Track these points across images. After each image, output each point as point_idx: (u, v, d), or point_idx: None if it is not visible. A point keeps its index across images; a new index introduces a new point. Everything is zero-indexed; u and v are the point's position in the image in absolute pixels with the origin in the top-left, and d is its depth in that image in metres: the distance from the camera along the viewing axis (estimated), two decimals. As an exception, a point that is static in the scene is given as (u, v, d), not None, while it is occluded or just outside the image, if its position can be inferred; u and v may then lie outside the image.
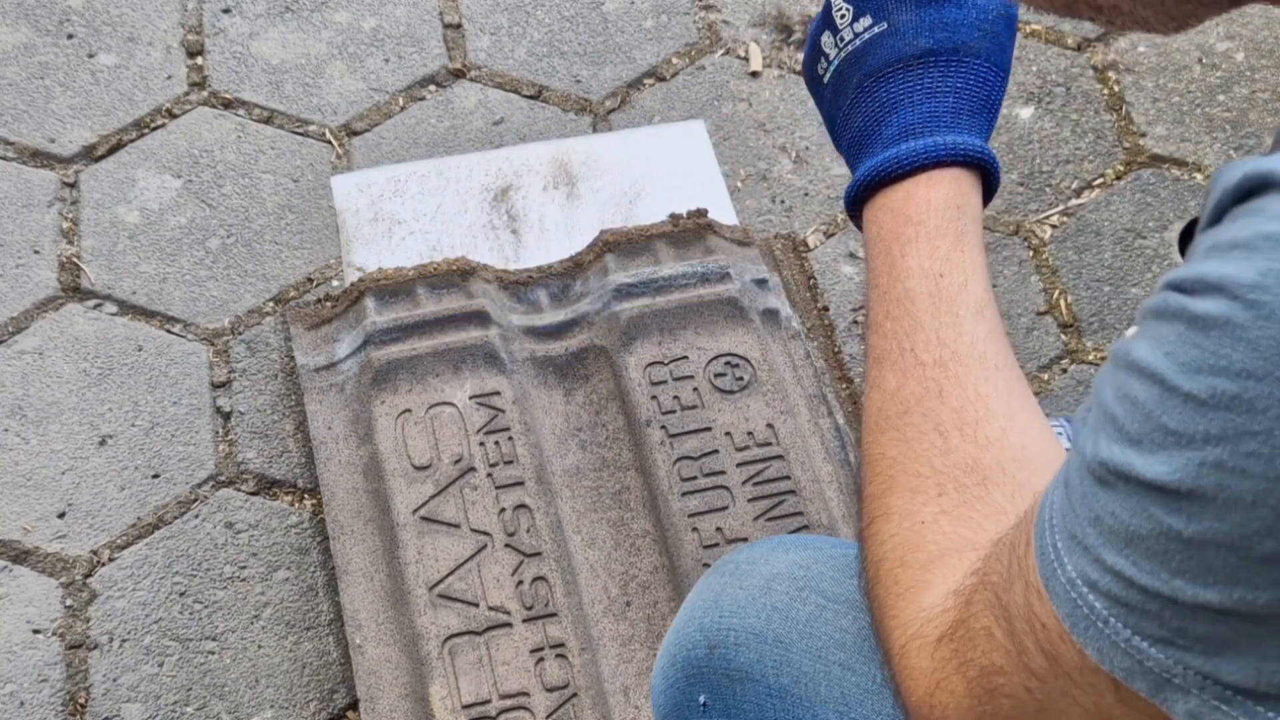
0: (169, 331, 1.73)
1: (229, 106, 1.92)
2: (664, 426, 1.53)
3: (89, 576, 1.56)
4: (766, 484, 1.50)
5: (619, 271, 1.62)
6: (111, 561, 1.57)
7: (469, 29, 2.01)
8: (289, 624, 1.54)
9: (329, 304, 1.67)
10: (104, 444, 1.64)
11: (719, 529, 1.47)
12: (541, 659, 1.40)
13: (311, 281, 1.78)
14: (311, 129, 1.90)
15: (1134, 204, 1.87)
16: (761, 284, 1.66)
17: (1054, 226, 1.85)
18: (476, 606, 1.43)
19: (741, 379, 1.57)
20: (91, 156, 1.87)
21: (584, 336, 1.61)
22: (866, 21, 0.92)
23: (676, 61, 1.99)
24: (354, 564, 1.47)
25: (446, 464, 1.51)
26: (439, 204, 1.73)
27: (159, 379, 1.69)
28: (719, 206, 1.73)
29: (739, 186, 1.87)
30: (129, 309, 1.74)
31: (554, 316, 1.63)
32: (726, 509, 1.48)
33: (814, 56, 0.96)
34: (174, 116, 1.91)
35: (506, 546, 1.46)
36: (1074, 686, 0.62)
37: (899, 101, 0.90)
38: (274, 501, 1.61)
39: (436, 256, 1.67)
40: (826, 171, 1.89)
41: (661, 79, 1.97)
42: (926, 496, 0.77)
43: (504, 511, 1.48)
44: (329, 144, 1.89)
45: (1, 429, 1.65)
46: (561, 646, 1.41)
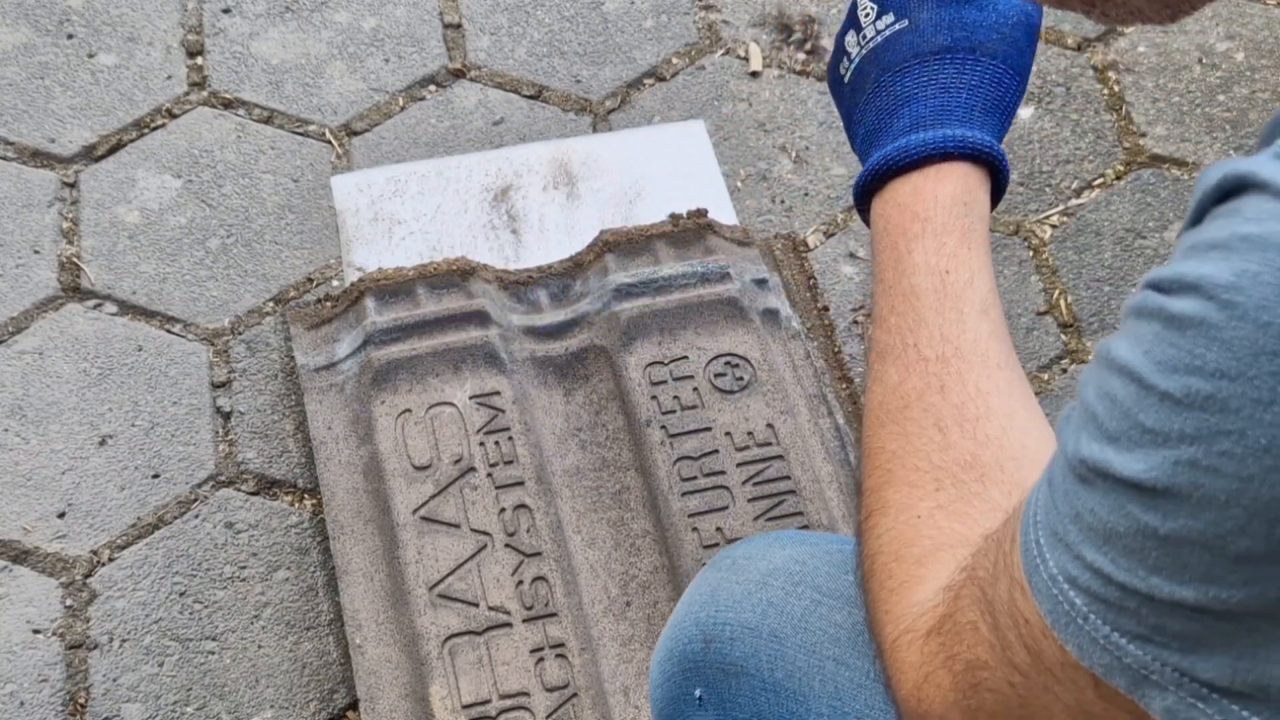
0: (169, 331, 1.73)
1: (229, 106, 1.92)
2: (664, 426, 1.53)
3: (89, 576, 1.56)
4: (766, 484, 1.50)
5: (619, 271, 1.62)
6: (111, 561, 1.57)
7: (469, 29, 2.01)
8: (289, 624, 1.54)
9: (329, 304, 1.67)
10: (104, 444, 1.64)
11: (719, 529, 1.47)
12: (541, 659, 1.40)
13: (311, 281, 1.78)
14: (311, 129, 1.91)
15: (1134, 204, 1.87)
16: (761, 284, 1.66)
17: (1054, 226, 1.85)
18: (476, 606, 1.43)
19: (741, 379, 1.57)
20: (91, 156, 1.87)
21: (584, 336, 1.61)
22: (889, 19, 0.93)
23: (676, 61, 1.99)
24: (354, 564, 1.47)
25: (446, 464, 1.51)
26: (439, 204, 1.73)
27: (159, 379, 1.69)
28: (719, 206, 1.73)
29: (739, 186, 1.87)
30: (129, 309, 1.74)
31: (554, 316, 1.63)
32: (726, 509, 1.48)
33: (838, 57, 0.97)
34: (174, 116, 1.91)
35: (506, 546, 1.46)
36: (1055, 682, 0.63)
37: (912, 95, 0.90)
38: (274, 501, 1.61)
39: (436, 256, 1.67)
40: (826, 171, 1.89)
41: (661, 79, 1.97)
42: (924, 491, 0.77)
43: (504, 511, 1.48)
44: (329, 144, 1.89)
45: (1, 429, 1.65)
46: (561, 646, 1.41)
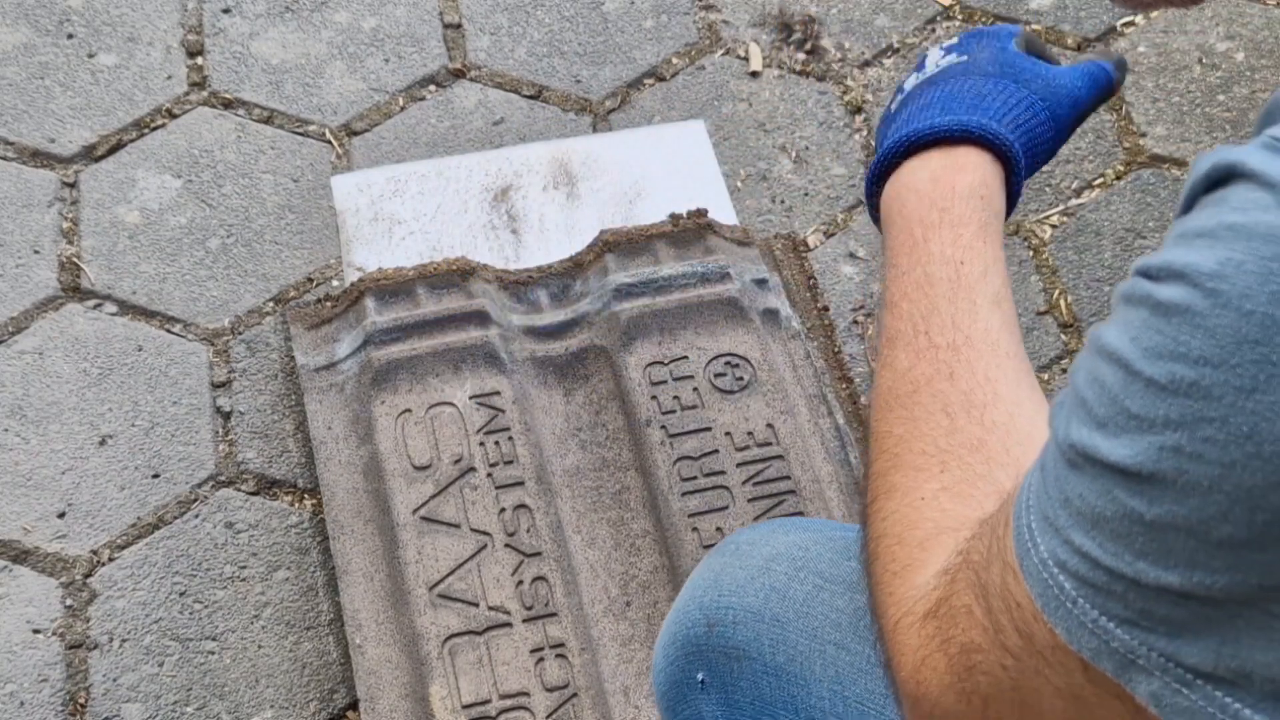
0: (169, 331, 1.73)
1: (229, 106, 1.92)
2: (664, 426, 1.53)
3: (89, 576, 1.56)
4: (766, 484, 1.51)
5: (619, 271, 1.62)
6: (111, 561, 1.57)
7: (469, 29, 2.01)
8: (289, 624, 1.54)
9: (329, 304, 1.67)
10: (104, 444, 1.64)
11: (719, 529, 1.47)
12: (541, 659, 1.40)
13: (311, 281, 1.78)
14: (311, 129, 1.91)
15: (1134, 204, 1.87)
16: (761, 284, 1.66)
17: (1054, 226, 1.85)
18: (476, 606, 1.43)
19: (741, 379, 1.57)
20: (91, 156, 1.87)
21: (584, 336, 1.61)
22: (952, 58, 0.97)
23: (676, 61, 1.99)
24: (354, 564, 1.47)
25: (446, 464, 1.51)
26: (439, 204, 1.73)
27: (159, 379, 1.69)
28: (719, 206, 1.73)
29: (739, 186, 1.87)
30: (129, 309, 1.74)
31: (554, 316, 1.63)
32: (726, 509, 1.48)
33: (894, 97, 1.00)
34: (174, 116, 1.91)
35: (506, 546, 1.46)
36: (1046, 665, 0.63)
37: (950, 96, 0.93)
38: (274, 501, 1.61)
39: (436, 256, 1.67)
40: (826, 171, 1.89)
41: (661, 79, 1.97)
42: (929, 474, 0.78)
43: (504, 511, 1.48)
44: (329, 144, 1.89)
45: (1, 429, 1.65)
46: (561, 646, 1.41)
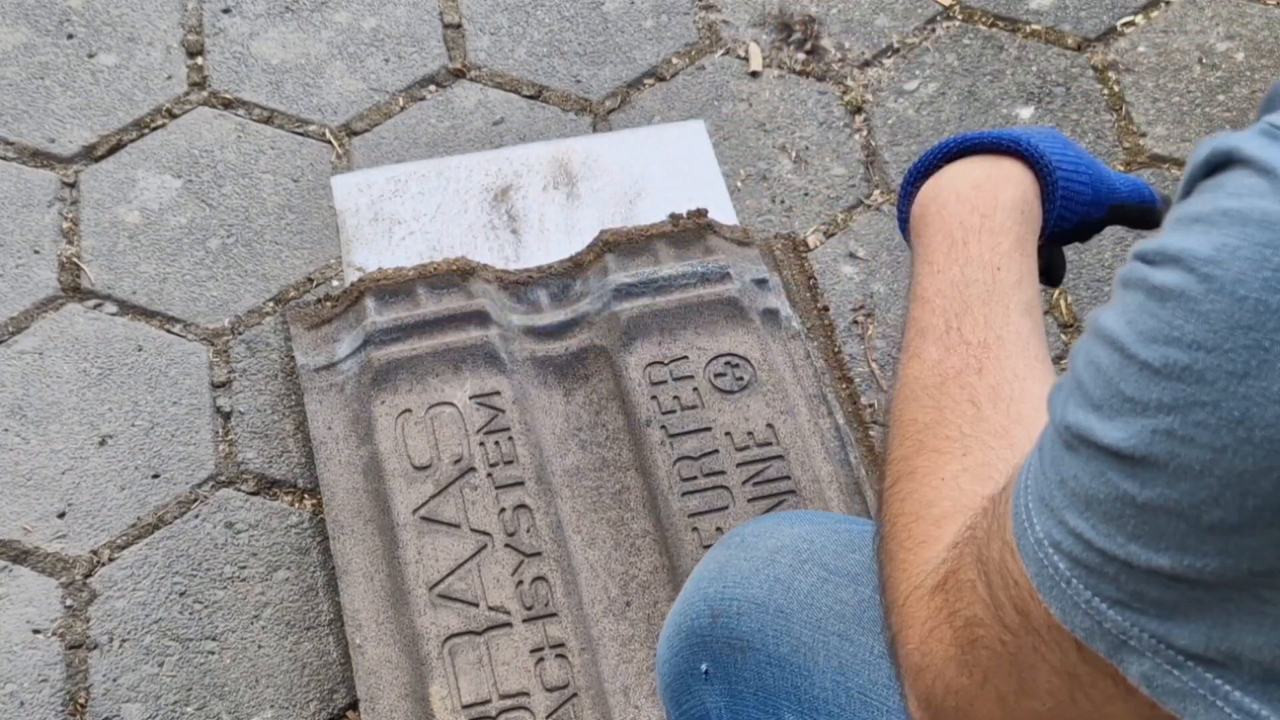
0: (169, 331, 1.73)
1: (229, 106, 1.92)
2: (664, 426, 1.53)
3: (89, 576, 1.56)
4: (766, 484, 1.51)
5: (619, 271, 1.62)
6: (111, 561, 1.57)
7: (469, 29, 2.01)
8: (289, 624, 1.54)
9: (329, 304, 1.67)
10: (104, 444, 1.64)
11: (719, 529, 1.47)
12: (541, 659, 1.40)
13: (311, 281, 1.78)
14: (311, 129, 1.91)
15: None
16: (761, 284, 1.67)
17: (1054, 226, 1.85)
18: (476, 606, 1.43)
19: (741, 379, 1.57)
20: (91, 156, 1.87)
21: (584, 336, 1.61)
22: None
23: (676, 61, 1.99)
24: (354, 564, 1.47)
25: (446, 464, 1.51)
26: (439, 204, 1.73)
27: (159, 379, 1.69)
28: (719, 206, 1.73)
29: (739, 186, 1.87)
30: (129, 309, 1.74)
31: (554, 316, 1.63)
32: (726, 509, 1.48)
33: None
34: (174, 116, 1.91)
35: (506, 546, 1.46)
36: (1042, 643, 0.64)
37: (1005, 128, 0.99)
38: (274, 501, 1.61)
39: (436, 256, 1.67)
40: (826, 171, 1.89)
41: (661, 79, 1.97)
42: (951, 456, 0.79)
43: (504, 511, 1.48)
44: (329, 144, 1.89)
45: (1, 429, 1.65)
46: (561, 646, 1.41)
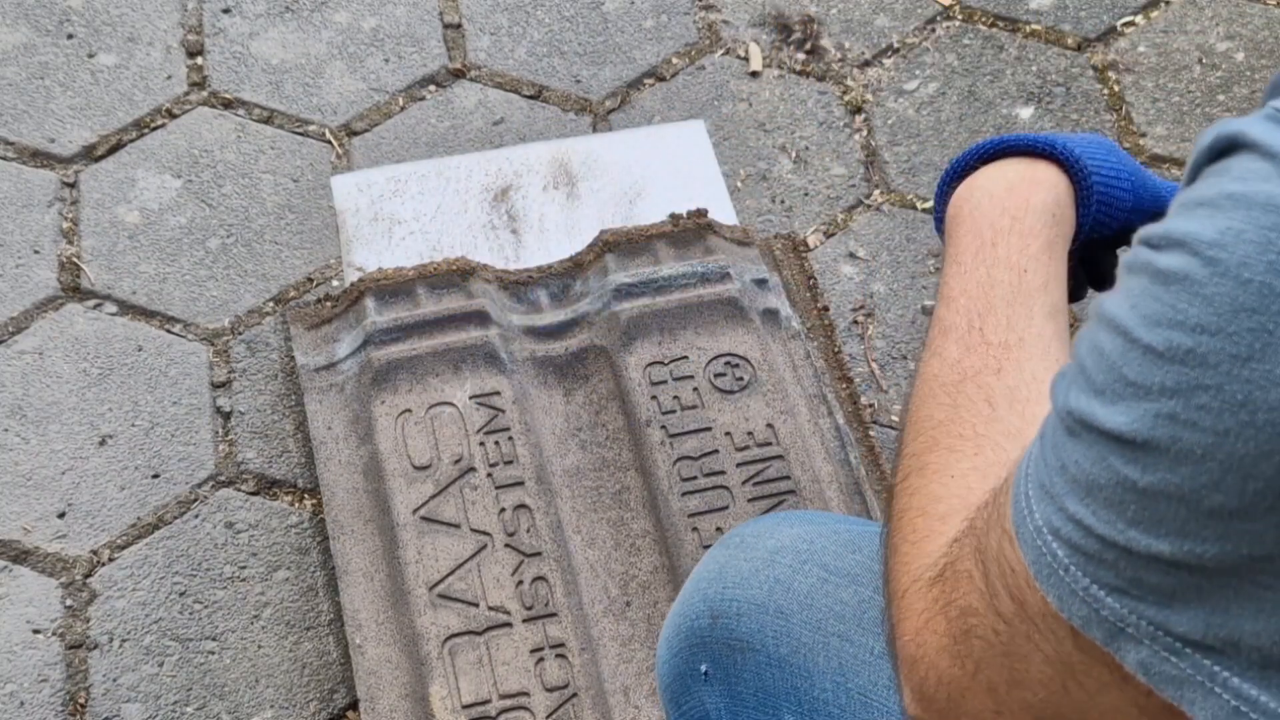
0: (169, 331, 1.73)
1: (229, 106, 1.92)
2: (664, 426, 1.53)
3: (89, 576, 1.56)
4: (766, 484, 1.51)
5: (619, 271, 1.62)
6: (111, 561, 1.57)
7: (469, 29, 2.01)
8: (289, 624, 1.54)
9: (329, 304, 1.67)
10: (104, 444, 1.64)
11: (719, 529, 1.47)
12: (541, 659, 1.40)
13: (311, 281, 1.78)
14: (311, 129, 1.91)
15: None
16: (761, 284, 1.67)
17: (1054, 226, 1.85)
18: (476, 606, 1.43)
19: (741, 379, 1.57)
20: (91, 156, 1.87)
21: (584, 336, 1.61)
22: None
23: (676, 61, 1.99)
24: (354, 564, 1.47)
25: (446, 464, 1.51)
26: (439, 204, 1.73)
27: (159, 379, 1.69)
28: (719, 206, 1.73)
29: (739, 186, 1.87)
30: (129, 309, 1.74)
31: (554, 316, 1.63)
32: (726, 509, 1.48)
33: None
34: (174, 116, 1.91)
35: (506, 546, 1.46)
36: (1037, 632, 0.64)
37: (1050, 133, 0.98)
38: (274, 501, 1.61)
39: (436, 256, 1.67)
40: (826, 171, 1.89)
41: (661, 79, 1.97)
42: (963, 454, 0.79)
43: (504, 511, 1.48)
44: (329, 144, 1.89)
45: (1, 429, 1.65)
46: (561, 646, 1.41)
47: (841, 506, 1.50)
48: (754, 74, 1.98)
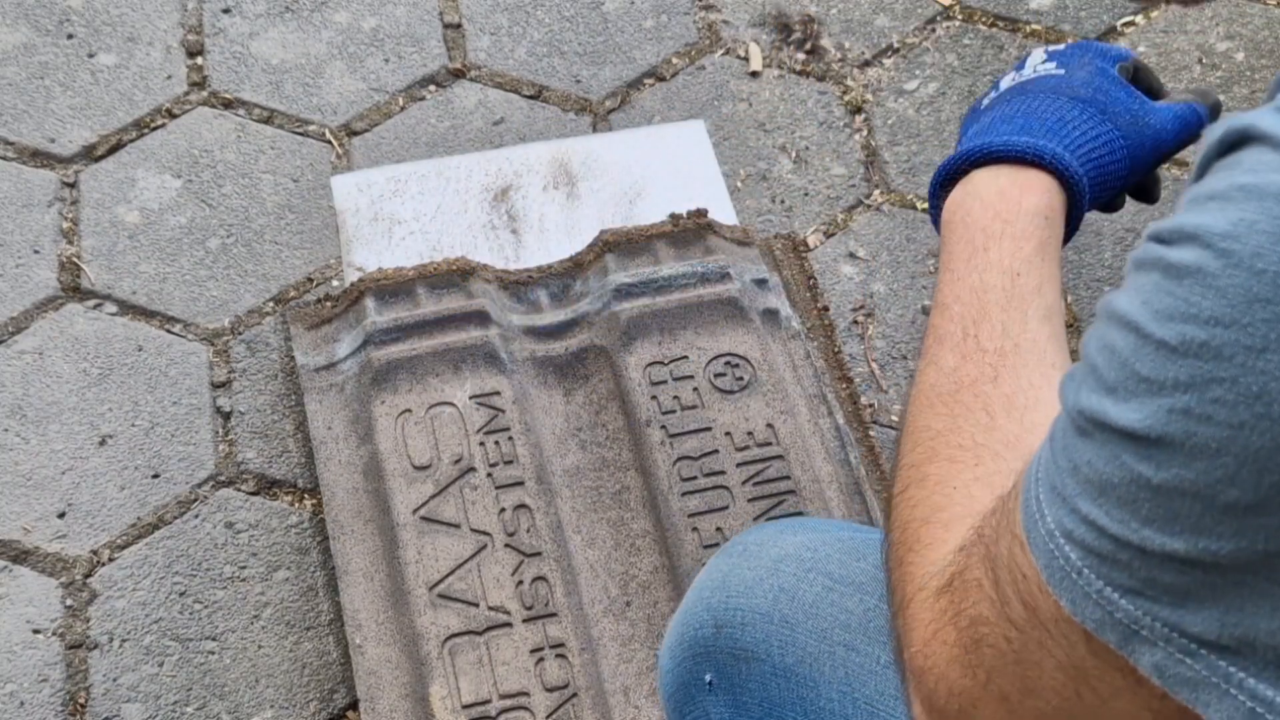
0: (169, 331, 1.73)
1: (229, 106, 1.92)
2: (664, 426, 1.53)
3: (89, 576, 1.56)
4: (766, 484, 1.50)
5: (619, 271, 1.62)
6: (111, 561, 1.57)
7: (469, 29, 2.01)
8: (289, 624, 1.54)
9: (329, 304, 1.67)
10: (104, 444, 1.64)
11: (719, 529, 1.47)
12: (541, 659, 1.40)
13: (311, 281, 1.78)
14: (311, 129, 1.91)
15: (1134, 204, 1.86)
16: (761, 284, 1.67)
17: (1054, 226, 1.85)
18: (476, 606, 1.43)
19: (741, 379, 1.57)
20: (91, 156, 1.87)
21: (584, 336, 1.61)
22: (1050, 66, 1.01)
23: (676, 61, 1.99)
24: (354, 564, 1.47)
25: (446, 464, 1.51)
26: (439, 204, 1.74)
27: (159, 379, 1.69)
28: (719, 206, 1.73)
29: (739, 186, 1.87)
30: (129, 309, 1.74)
31: (554, 316, 1.63)
32: (726, 509, 1.48)
33: (988, 92, 1.03)
34: (174, 116, 1.91)
35: (506, 546, 1.46)
36: (1049, 638, 0.63)
37: (1035, 111, 0.96)
38: (274, 501, 1.61)
39: (436, 256, 1.67)
40: (826, 171, 1.89)
41: (661, 79, 1.97)
42: (963, 466, 0.79)
43: (504, 511, 1.48)
44: (329, 144, 1.89)
45: (1, 429, 1.65)
46: (561, 646, 1.41)
47: (841, 506, 1.50)
48: (754, 74, 1.98)
